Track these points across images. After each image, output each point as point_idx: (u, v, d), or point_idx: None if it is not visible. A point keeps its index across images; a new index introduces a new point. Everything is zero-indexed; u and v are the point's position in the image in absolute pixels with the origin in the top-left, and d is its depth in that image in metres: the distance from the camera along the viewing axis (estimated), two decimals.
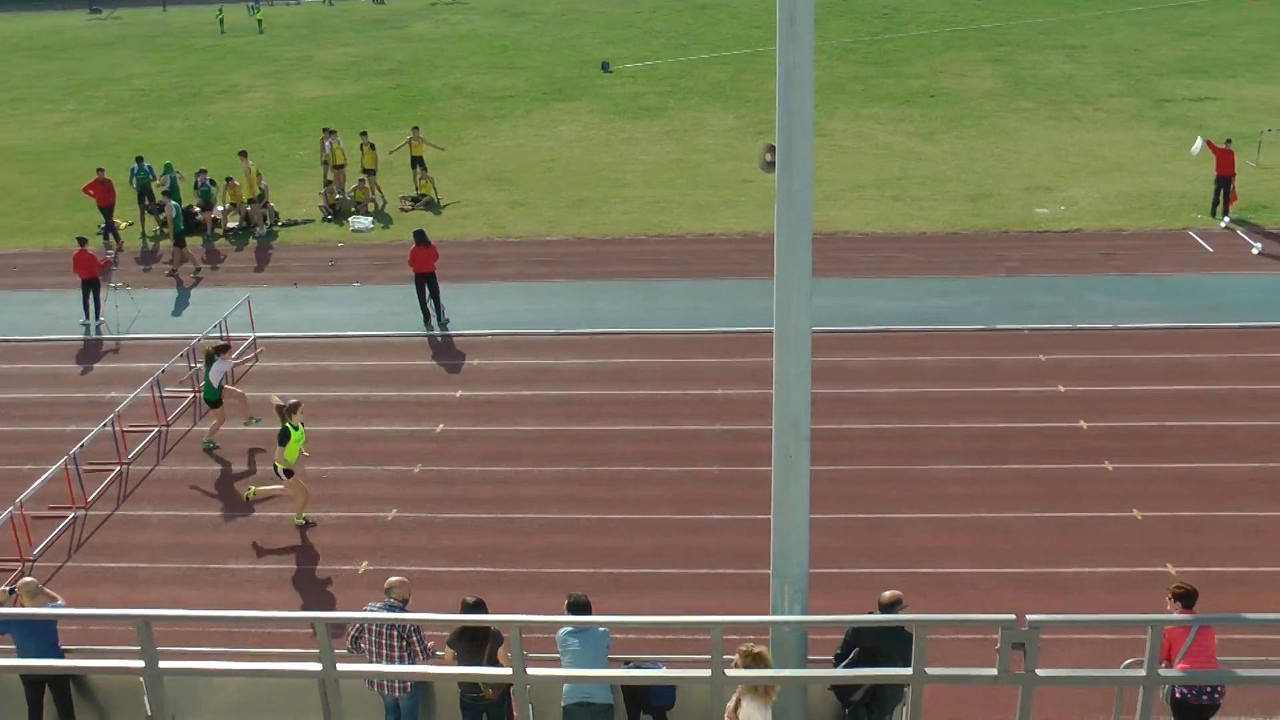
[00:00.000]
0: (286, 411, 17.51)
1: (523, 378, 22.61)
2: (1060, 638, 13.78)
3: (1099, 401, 20.50)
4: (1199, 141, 31.27)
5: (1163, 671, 9.19)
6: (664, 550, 16.71)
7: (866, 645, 10.63)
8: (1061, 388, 21.07)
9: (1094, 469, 18.35)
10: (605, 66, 53.36)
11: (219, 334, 23.51)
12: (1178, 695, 10.69)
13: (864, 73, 50.37)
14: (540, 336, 24.50)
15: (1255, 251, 28.01)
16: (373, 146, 34.52)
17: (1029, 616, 8.41)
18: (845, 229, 29.84)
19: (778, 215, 9.10)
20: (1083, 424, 19.71)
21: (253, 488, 18.49)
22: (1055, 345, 22.81)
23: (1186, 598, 11.18)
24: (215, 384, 19.96)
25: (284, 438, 17.38)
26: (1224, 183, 29.97)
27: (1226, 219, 29.94)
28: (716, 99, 46.16)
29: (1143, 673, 8.88)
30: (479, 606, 11.50)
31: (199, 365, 21.10)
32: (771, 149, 9.03)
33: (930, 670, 8.43)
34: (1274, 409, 20.33)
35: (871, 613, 11.04)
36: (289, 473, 17.58)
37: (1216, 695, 10.68)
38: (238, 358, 23.29)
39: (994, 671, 8.50)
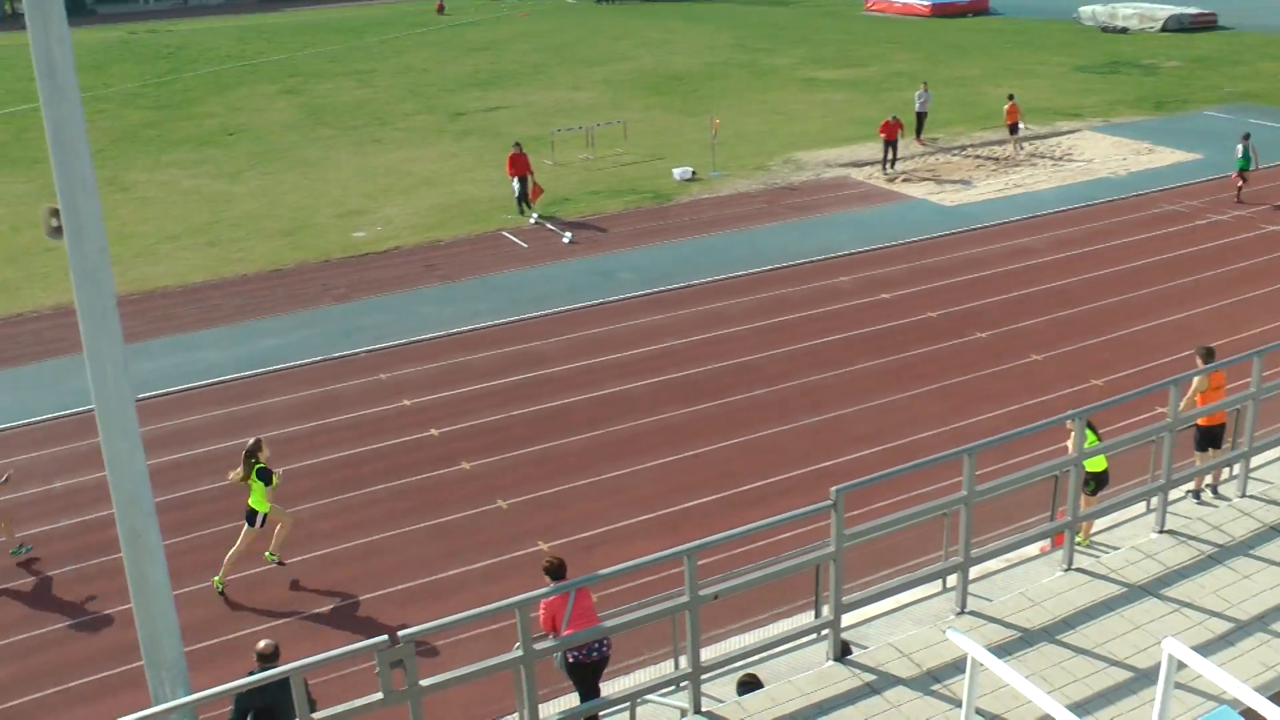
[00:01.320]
0: (251, 452, 16.01)
1: None
2: (453, 641, 13.90)
3: (445, 407, 20.96)
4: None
5: (540, 645, 9.40)
6: None
7: (259, 705, 10.21)
8: (407, 401, 21.33)
9: (453, 471, 18.72)
10: None
11: None
12: (570, 660, 11.02)
13: (157, 117, 48.62)
14: None
15: (566, 240, 30.00)
16: None
17: (401, 632, 8.37)
18: (164, 284, 28.48)
19: (75, 284, 8.31)
20: (434, 431, 20.05)
21: (269, 553, 16.65)
22: (394, 362, 23.07)
23: (554, 571, 11.60)
24: None
25: (266, 477, 15.91)
26: (523, 181, 31.78)
27: (534, 215, 31.80)
28: (3, 162, 42.59)
29: (520, 652, 9.20)
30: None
31: None
32: (55, 212, 8.22)
33: (316, 715, 8.29)
34: (605, 379, 21.88)
35: (253, 671, 10.48)
36: (264, 520, 16.00)
37: (605, 649, 11.14)
38: None
39: (380, 695, 8.42)
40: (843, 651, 10.68)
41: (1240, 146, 32.40)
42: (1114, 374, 21.57)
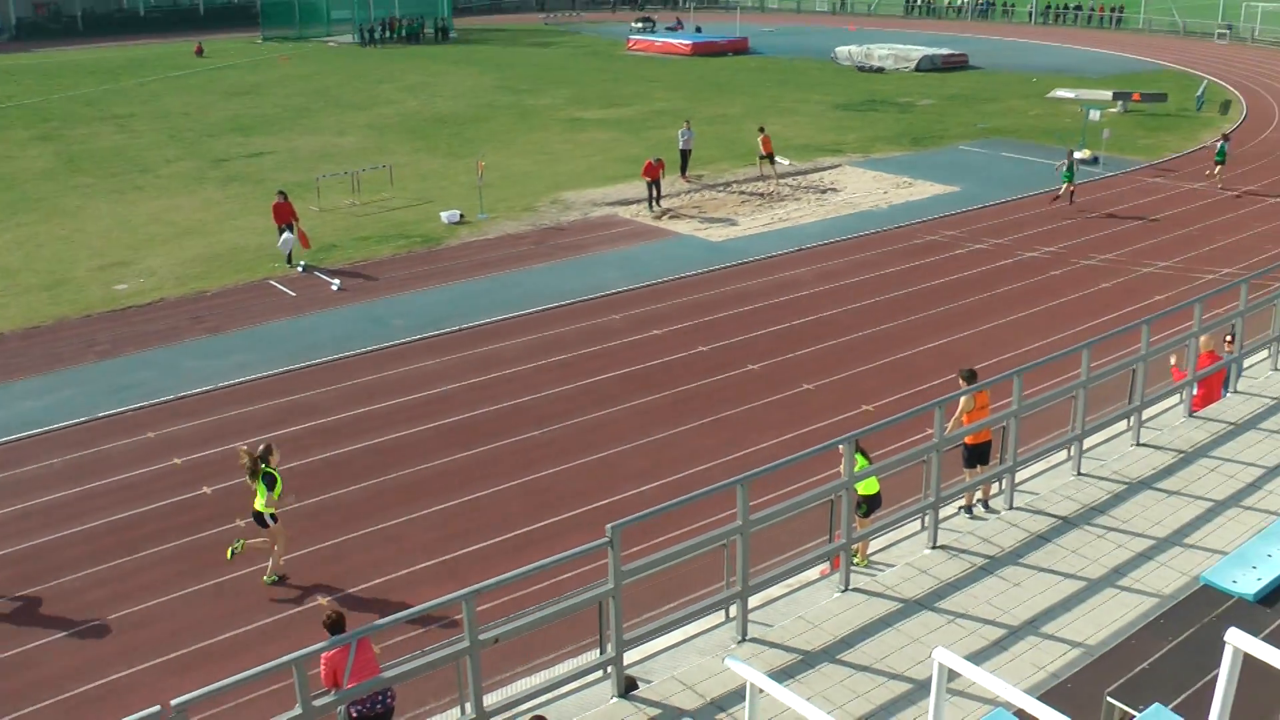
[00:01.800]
0: (263, 456, 16.77)
1: None
2: (232, 706, 13.69)
3: (218, 464, 20.49)
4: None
5: (320, 702, 9.42)
6: None
7: None
8: (178, 460, 20.82)
9: (230, 529, 18.34)
10: None
11: None
12: (354, 714, 11.03)
13: None
14: None
15: (335, 288, 29.77)
16: None
17: (173, 701, 8.40)
18: None
19: None
20: (207, 490, 19.64)
21: (240, 541, 17.15)
22: (163, 420, 22.50)
23: (333, 624, 11.65)
24: None
25: (270, 482, 16.59)
26: (288, 229, 31.39)
27: (302, 264, 31.45)
28: None
29: (299, 710, 9.19)
30: None
31: None
32: None
33: None
34: (380, 427, 21.85)
35: None
36: (274, 518, 16.73)
37: (389, 700, 11.20)
38: None
39: None
40: (628, 687, 10.99)
41: (1064, 163, 37.47)
42: (883, 399, 22.60)
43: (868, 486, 15.24)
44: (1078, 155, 44.07)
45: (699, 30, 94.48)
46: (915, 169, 43.69)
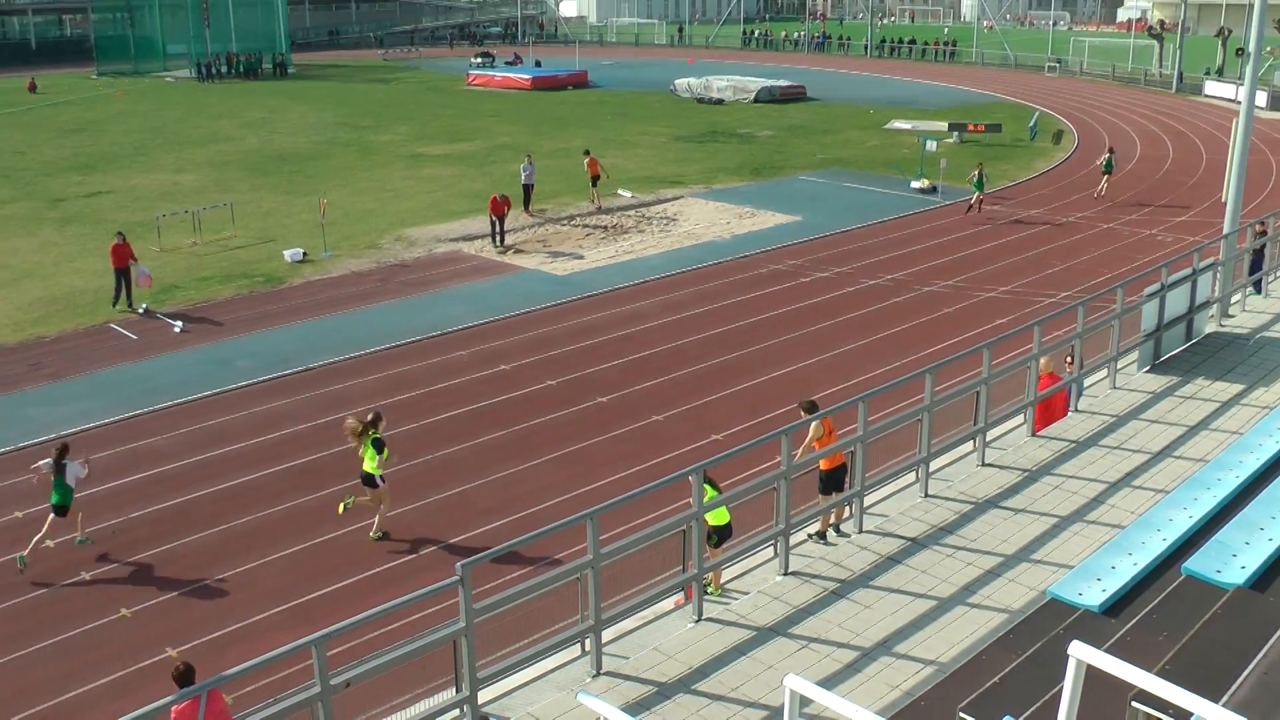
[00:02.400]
0: (373, 423, 19.04)
1: None
2: None
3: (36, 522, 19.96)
4: None
5: None
6: None
7: None
8: (19, 513, 20.15)
9: (72, 583, 17.91)
10: None
11: None
12: None
13: None
14: None
15: (177, 330, 29.28)
16: None
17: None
18: None
19: None
20: (50, 543, 19.03)
21: (351, 498, 19.17)
22: (2, 471, 21.89)
23: (182, 677, 11.57)
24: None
25: (379, 446, 18.80)
26: (122, 274, 30.79)
27: (143, 306, 30.86)
28: None
29: None
30: None
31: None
32: None
33: None
34: (227, 471, 21.55)
35: None
36: (382, 479, 18.91)
37: None
38: None
39: None
40: None
41: (975, 173, 40.76)
42: (732, 428, 23.00)
43: (718, 516, 15.52)
44: (914, 185, 45.55)
45: (538, 65, 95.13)
46: (757, 199, 44.57)
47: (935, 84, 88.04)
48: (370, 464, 18.80)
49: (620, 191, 44.45)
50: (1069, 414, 18.18)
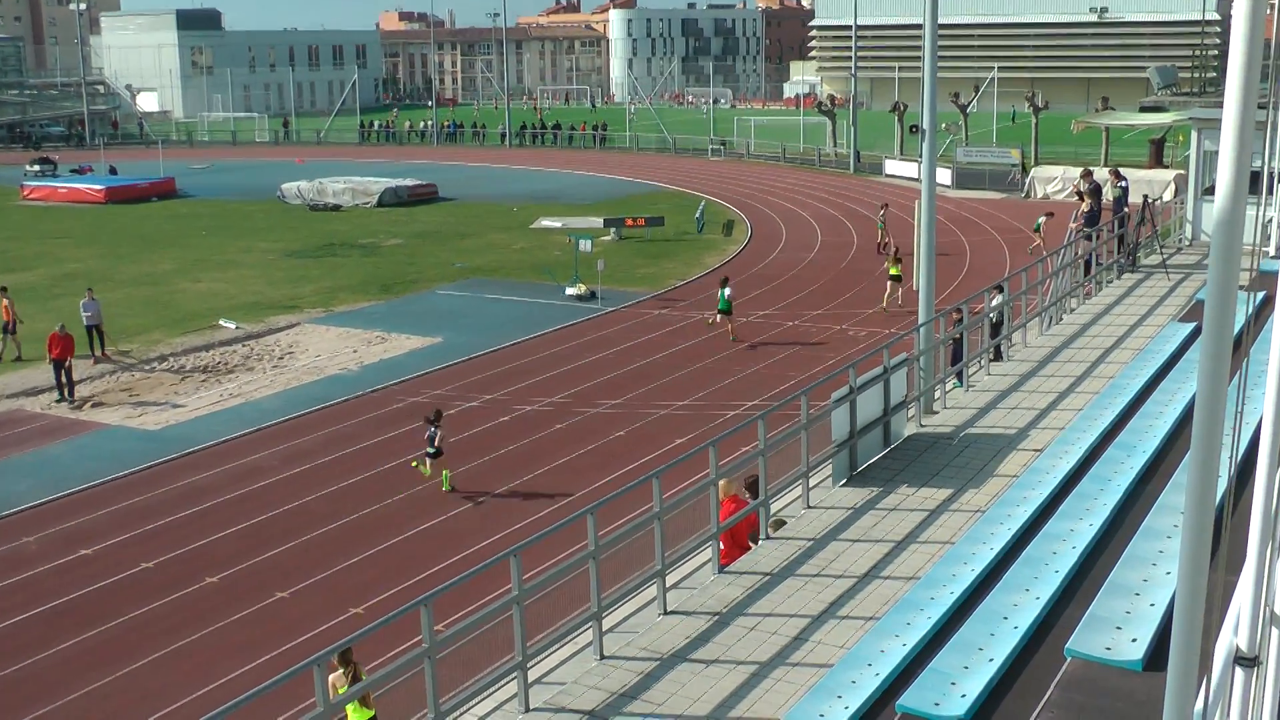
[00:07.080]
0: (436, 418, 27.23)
1: None
2: None
3: None
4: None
5: None
6: None
7: None
8: None
9: None
10: None
11: None
12: None
13: None
14: None
15: None
16: None
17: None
18: None
19: None
20: None
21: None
22: None
23: None
24: None
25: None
26: None
27: None
28: None
29: None
30: None
31: None
32: None
33: None
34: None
35: None
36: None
37: None
38: None
39: None
40: None
41: (721, 292, 40.19)
42: (377, 596, 22.45)
43: (358, 714, 15.00)
44: (569, 291, 46.34)
45: (114, 172, 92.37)
46: (388, 321, 44.38)
47: (586, 174, 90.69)
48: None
49: (222, 322, 43.33)
50: (756, 545, 18.32)
